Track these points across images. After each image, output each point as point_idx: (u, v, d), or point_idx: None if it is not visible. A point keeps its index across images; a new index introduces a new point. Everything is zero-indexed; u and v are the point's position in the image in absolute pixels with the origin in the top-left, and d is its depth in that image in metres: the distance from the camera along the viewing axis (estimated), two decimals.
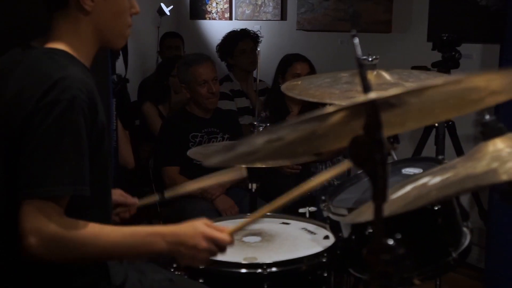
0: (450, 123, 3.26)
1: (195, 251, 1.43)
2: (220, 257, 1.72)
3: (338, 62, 3.84)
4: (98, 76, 1.64)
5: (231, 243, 1.47)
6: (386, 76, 2.03)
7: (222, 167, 1.91)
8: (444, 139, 3.24)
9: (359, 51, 0.97)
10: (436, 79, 0.86)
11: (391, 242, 0.94)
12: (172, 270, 1.80)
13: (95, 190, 1.42)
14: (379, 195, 0.97)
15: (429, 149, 3.27)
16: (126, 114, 3.65)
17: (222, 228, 1.48)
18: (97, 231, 1.39)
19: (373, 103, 0.92)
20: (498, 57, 3.11)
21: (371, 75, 2.02)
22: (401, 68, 2.21)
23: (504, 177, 1.08)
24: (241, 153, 0.98)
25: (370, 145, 0.95)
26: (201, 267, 1.74)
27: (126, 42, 1.64)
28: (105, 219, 1.51)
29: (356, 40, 0.99)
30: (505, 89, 1.03)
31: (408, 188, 1.33)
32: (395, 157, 2.14)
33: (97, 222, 1.40)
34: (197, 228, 1.44)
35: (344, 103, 0.90)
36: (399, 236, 0.96)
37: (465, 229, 1.69)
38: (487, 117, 1.23)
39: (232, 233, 1.47)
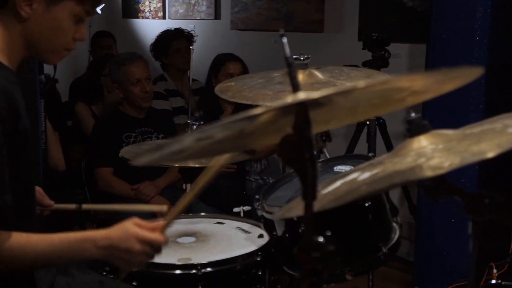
0: (381, 120, 3.34)
1: (129, 255, 1.40)
2: (153, 259, 1.70)
3: (272, 62, 3.86)
4: (24, 77, 1.59)
5: (165, 242, 1.44)
6: (318, 74, 2.06)
7: (152, 166, 1.89)
8: (376, 136, 3.32)
9: (287, 50, 0.98)
10: (361, 81, 0.88)
11: (321, 239, 0.95)
12: (104, 273, 1.77)
13: (18, 197, 1.36)
14: (309, 193, 0.98)
15: (362, 146, 3.34)
16: (57, 115, 3.56)
17: (154, 226, 1.44)
18: (24, 242, 1.34)
19: (301, 104, 0.92)
20: (425, 56, 3.21)
21: (303, 74, 2.05)
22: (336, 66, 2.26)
23: (429, 173, 1.11)
24: (170, 152, 0.98)
25: (300, 144, 0.96)
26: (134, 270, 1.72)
27: None
28: (31, 227, 1.45)
29: (285, 40, 0.99)
30: (426, 90, 1.06)
31: (338, 183, 1.35)
32: (328, 155, 2.17)
33: (22, 231, 1.35)
34: (129, 230, 1.41)
35: (274, 103, 0.90)
36: (329, 233, 0.96)
37: (394, 224, 1.73)
38: (413, 114, 1.26)
39: (163, 231, 1.44)
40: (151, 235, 1.41)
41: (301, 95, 0.91)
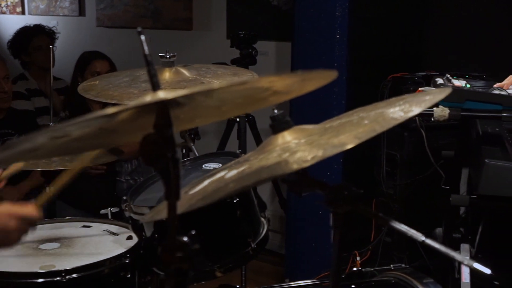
0: (250, 117, 3.39)
1: (5, 233, 1.37)
2: (13, 268, 1.60)
3: (140, 59, 3.80)
4: None
5: (40, 217, 1.43)
6: (185, 72, 2.05)
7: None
8: (246, 133, 3.37)
9: (146, 48, 0.96)
10: (217, 82, 0.88)
11: (185, 238, 0.94)
12: None
13: None
14: (172, 194, 0.96)
15: (234, 143, 3.38)
16: None
17: (27, 205, 1.43)
18: None
19: (161, 103, 0.91)
20: (291, 54, 3.30)
21: (170, 72, 2.02)
22: (205, 64, 2.25)
23: (295, 166, 1.14)
24: (22, 150, 0.93)
25: (161, 143, 0.94)
26: None
27: None
28: None
29: (143, 37, 0.97)
30: (287, 90, 1.09)
31: (206, 182, 1.35)
32: (196, 153, 2.16)
33: None
34: (1, 209, 1.38)
35: (132, 102, 0.88)
36: (194, 232, 0.96)
37: (262, 219, 1.76)
38: (276, 111, 1.28)
39: (39, 206, 1.41)
40: (25, 209, 1.40)
41: (160, 95, 0.89)
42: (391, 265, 1.62)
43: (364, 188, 1.24)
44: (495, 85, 2.27)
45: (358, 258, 2.83)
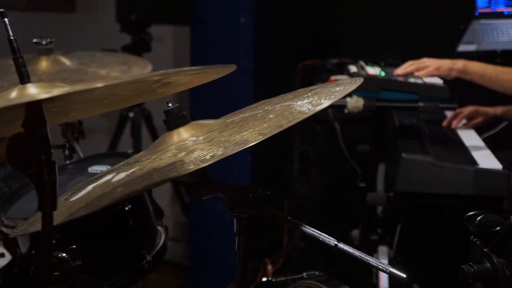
0: (146, 113, 3.34)
1: None
2: None
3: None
4: None
5: None
6: (65, 61, 2.00)
7: None
8: (141, 130, 3.32)
9: (10, 32, 0.92)
10: (99, 82, 0.85)
11: (63, 254, 0.91)
12: None
13: None
14: (47, 202, 0.93)
15: (127, 142, 3.32)
16: None
17: None
18: None
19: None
20: (190, 40, 3.29)
21: (47, 61, 1.96)
22: (91, 51, 2.20)
23: (192, 167, 1.13)
24: None
25: (32, 144, 0.91)
26: None
27: None
28: None
29: (6, 20, 0.93)
30: (180, 82, 1.08)
31: (89, 187, 1.32)
32: (81, 154, 2.11)
33: None
34: None
35: None
36: (75, 246, 0.93)
37: (159, 227, 1.74)
38: (170, 105, 1.27)
39: None
40: None
41: (29, 90, 0.86)
42: (304, 273, 1.64)
43: (274, 189, 1.25)
44: (394, 72, 2.34)
45: (269, 267, 2.87)
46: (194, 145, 1.23)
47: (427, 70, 2.26)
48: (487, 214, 1.17)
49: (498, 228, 1.15)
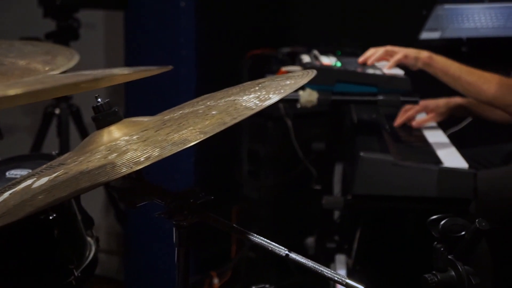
0: (74, 109, 3.30)
1: None
2: None
3: None
4: None
5: None
6: None
7: None
8: (69, 129, 3.28)
9: None
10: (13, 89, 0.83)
11: None
12: None
13: None
14: None
15: (53, 142, 3.28)
16: None
17: None
18: None
19: None
20: (124, 26, 3.26)
21: None
22: (8, 40, 2.16)
23: (124, 170, 1.12)
24: None
25: None
26: None
27: None
28: None
29: None
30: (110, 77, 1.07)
31: (6, 194, 1.30)
32: None
33: None
34: None
35: None
36: None
37: (89, 238, 1.72)
38: (99, 100, 1.26)
39: None
40: None
41: None
42: (253, 287, 1.65)
43: (221, 193, 1.25)
44: (359, 61, 2.37)
45: (216, 281, 2.87)
46: (127, 145, 1.22)
47: (396, 57, 2.27)
48: (451, 218, 1.18)
49: (463, 233, 1.17)
